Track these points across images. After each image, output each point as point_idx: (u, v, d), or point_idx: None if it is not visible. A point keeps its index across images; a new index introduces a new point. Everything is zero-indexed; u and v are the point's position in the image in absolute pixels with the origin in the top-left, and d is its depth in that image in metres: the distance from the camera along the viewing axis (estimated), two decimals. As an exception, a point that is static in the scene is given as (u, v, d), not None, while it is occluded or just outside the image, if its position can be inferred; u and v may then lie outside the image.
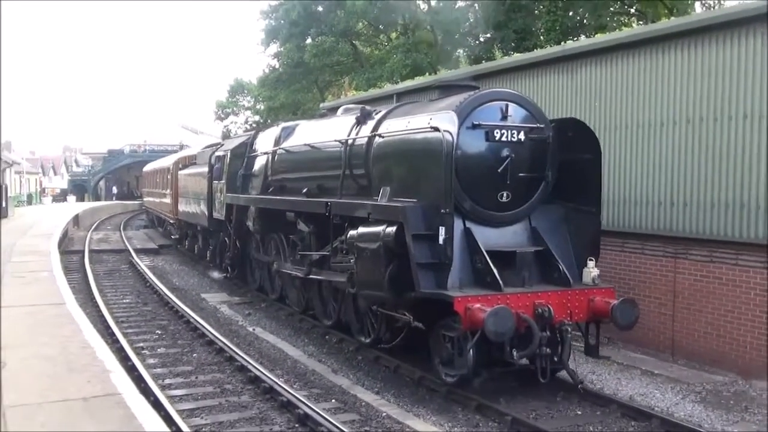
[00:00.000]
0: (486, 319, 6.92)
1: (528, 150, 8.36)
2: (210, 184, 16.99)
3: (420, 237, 7.64)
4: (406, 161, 8.61)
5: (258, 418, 7.69)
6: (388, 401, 8.34)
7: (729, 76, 9.34)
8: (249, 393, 8.61)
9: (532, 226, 8.57)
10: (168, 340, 11.39)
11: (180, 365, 9.88)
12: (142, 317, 13.23)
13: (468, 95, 8.39)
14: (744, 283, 9.19)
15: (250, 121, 54.04)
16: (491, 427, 7.50)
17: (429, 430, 7.36)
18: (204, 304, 14.80)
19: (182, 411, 7.69)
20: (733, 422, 7.68)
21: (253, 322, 12.98)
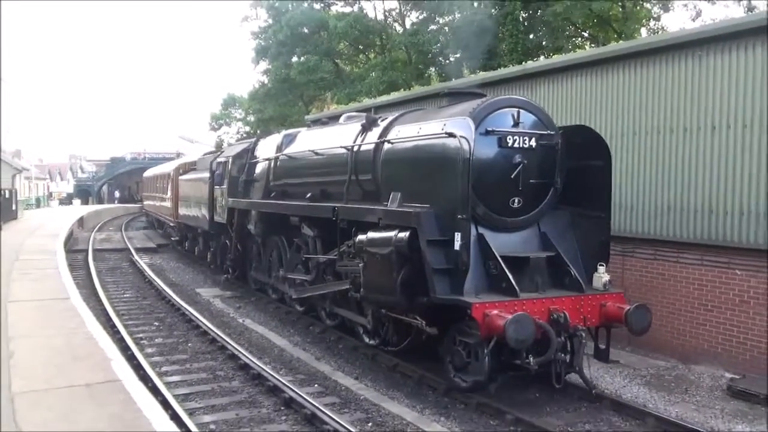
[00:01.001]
0: (507, 327, 6.38)
1: (538, 156, 7.81)
2: (211, 189, 16.38)
3: (434, 243, 7.11)
4: (419, 167, 7.94)
5: (247, 402, 7.67)
6: (366, 386, 8.35)
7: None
8: (239, 379, 8.57)
9: (542, 231, 8.03)
10: (165, 331, 11.30)
11: (176, 354, 9.82)
12: (141, 310, 13.11)
13: (481, 101, 7.82)
14: (684, 278, 9.35)
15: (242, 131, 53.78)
16: (458, 408, 7.54)
17: (402, 411, 7.38)
18: (198, 298, 14.70)
19: (178, 395, 7.65)
20: (674, 402, 7.79)
21: (243, 314, 12.92)
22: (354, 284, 9.12)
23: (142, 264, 19.45)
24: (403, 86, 27.43)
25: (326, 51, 36.59)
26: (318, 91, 39.99)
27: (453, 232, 6.99)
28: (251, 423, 6.99)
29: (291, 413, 7.27)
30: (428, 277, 7.06)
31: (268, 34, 38.74)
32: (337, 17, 35.34)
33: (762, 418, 7.39)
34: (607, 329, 7.75)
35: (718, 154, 8.93)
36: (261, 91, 43.42)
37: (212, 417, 7.14)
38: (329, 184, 10.35)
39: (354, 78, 36.23)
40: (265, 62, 40.74)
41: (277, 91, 40.55)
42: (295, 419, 7.10)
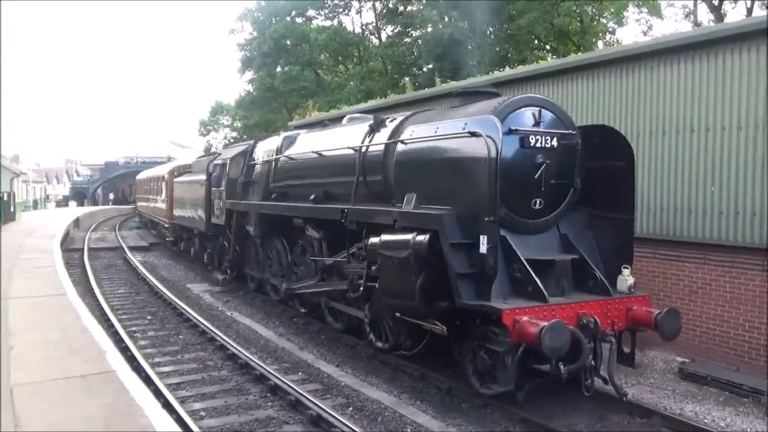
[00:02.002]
0: (543, 335, 5.72)
1: (559, 156, 7.07)
2: (208, 190, 15.64)
3: (457, 246, 6.40)
4: (437, 167, 7.20)
5: (235, 389, 7.61)
6: (346, 373, 8.33)
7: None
8: (228, 368, 8.50)
9: (562, 233, 7.30)
10: (157, 325, 11.16)
11: (168, 346, 9.70)
12: (134, 305, 12.93)
13: (502, 100, 7.11)
14: (637, 271, 9.42)
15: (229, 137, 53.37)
16: (433, 392, 7.55)
17: (381, 396, 7.38)
18: (189, 293, 14.54)
19: (170, 385, 7.57)
20: (631, 384, 7.86)
21: (232, 307, 12.80)
22: (352, 286, 8.63)
23: (135, 262, 19.20)
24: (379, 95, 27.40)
25: (308, 62, 36.49)
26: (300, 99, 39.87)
27: (477, 234, 6.31)
28: (239, 409, 6.93)
29: (276, 399, 7.22)
30: (452, 282, 6.36)
31: (253, 45, 38.58)
32: (318, 30, 35.26)
33: (710, 398, 7.51)
34: (632, 333, 7.09)
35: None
36: (247, 99, 43.19)
37: (202, 404, 7.07)
38: (334, 186, 9.62)
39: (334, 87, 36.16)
40: (250, 72, 40.53)
41: (261, 99, 40.37)
42: (280, 405, 7.05)
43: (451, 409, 7.01)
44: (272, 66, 37.74)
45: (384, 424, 6.58)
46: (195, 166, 19.29)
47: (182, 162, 23.69)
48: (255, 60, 38.27)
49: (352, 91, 31.12)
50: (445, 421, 6.64)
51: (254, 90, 41.58)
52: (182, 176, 20.28)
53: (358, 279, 8.42)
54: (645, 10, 30.26)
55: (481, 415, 6.78)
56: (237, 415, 6.75)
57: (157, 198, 24.58)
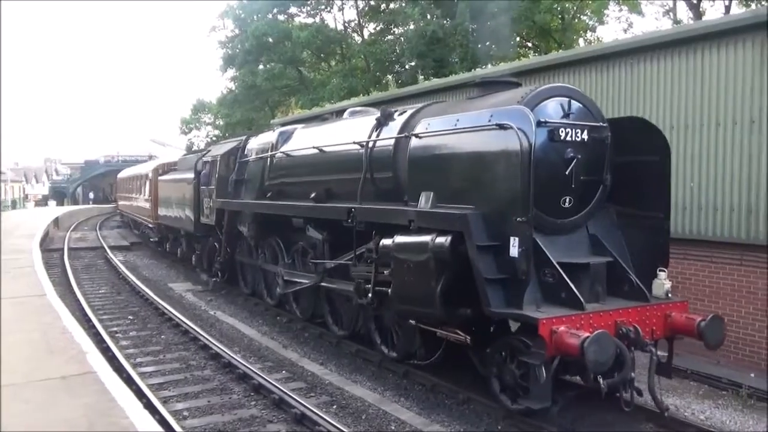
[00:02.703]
0: (587, 348, 5.20)
1: (590, 151, 6.49)
2: (197, 189, 14.83)
3: (485, 249, 5.87)
4: (459, 163, 6.56)
5: (219, 389, 7.57)
6: (330, 371, 8.32)
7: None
8: (211, 367, 8.46)
9: (590, 233, 6.70)
10: (139, 325, 11.07)
11: (150, 346, 9.62)
12: (115, 305, 12.81)
13: (530, 90, 6.54)
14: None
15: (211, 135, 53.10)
16: (417, 389, 7.57)
17: (365, 394, 7.38)
18: (171, 292, 14.44)
19: (152, 385, 7.51)
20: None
21: (214, 306, 12.74)
22: (359, 291, 8.02)
23: (116, 261, 19.02)
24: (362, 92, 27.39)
25: (290, 59, 36.35)
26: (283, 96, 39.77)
27: (505, 236, 5.78)
28: (222, 409, 6.90)
29: (260, 399, 7.19)
30: (479, 289, 5.83)
31: (234, 43, 38.34)
32: (300, 28, 35.14)
33: (690, 392, 7.61)
34: (669, 341, 6.58)
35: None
36: (229, 97, 42.95)
37: (185, 404, 7.02)
38: (337, 183, 9.03)
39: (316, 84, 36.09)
40: (232, 70, 40.30)
41: (243, 97, 40.16)
42: (264, 404, 7.03)
43: (434, 405, 7.04)
44: (254, 64, 37.54)
45: (368, 422, 6.59)
46: (181, 164, 18.76)
47: (167, 159, 23.11)
48: (237, 57, 38.04)
49: (335, 89, 31.05)
50: (429, 417, 6.66)
51: (236, 88, 41.34)
52: (167, 174, 19.68)
53: (366, 283, 7.89)
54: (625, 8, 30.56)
55: (464, 412, 6.80)
56: (220, 415, 6.71)
57: (141, 197, 24.00)
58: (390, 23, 33.28)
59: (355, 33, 37.88)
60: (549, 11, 26.95)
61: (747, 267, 8.26)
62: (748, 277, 8.24)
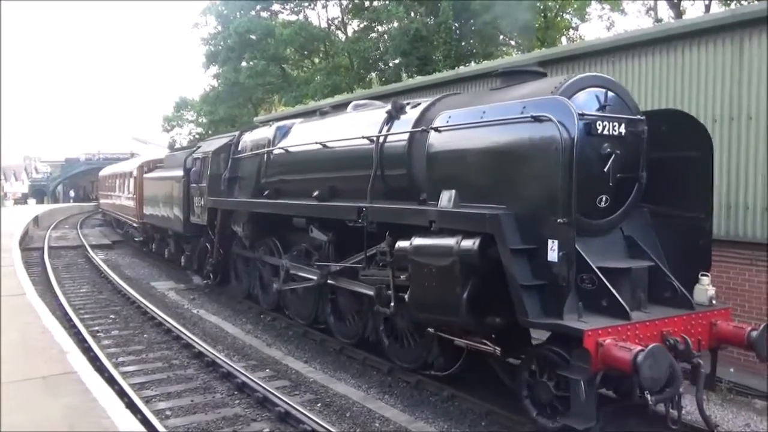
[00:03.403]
0: (641, 363, 4.74)
1: (627, 146, 6.00)
2: (186, 187, 14.19)
3: (519, 252, 5.41)
4: (486, 159, 6.02)
5: (202, 388, 7.52)
6: (314, 369, 8.30)
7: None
8: (194, 367, 8.40)
9: (625, 235, 6.25)
10: (121, 324, 10.96)
11: (132, 345, 9.54)
12: (97, 304, 12.68)
13: (564, 79, 6.07)
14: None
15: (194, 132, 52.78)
16: (401, 386, 7.57)
17: (349, 392, 7.37)
18: (153, 291, 14.32)
19: (134, 384, 7.44)
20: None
21: (198, 305, 12.65)
22: (379, 297, 7.41)
23: (97, 260, 18.82)
24: (346, 90, 27.35)
25: (273, 56, 36.22)
26: (266, 94, 39.61)
27: (541, 238, 5.35)
28: (206, 408, 6.85)
29: (244, 397, 7.16)
30: (514, 297, 5.36)
31: (217, 40, 38.13)
32: (283, 25, 35.05)
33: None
34: (713, 352, 6.10)
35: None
36: (212, 94, 42.72)
37: (168, 404, 6.97)
38: (343, 181, 8.53)
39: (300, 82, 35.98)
40: (215, 67, 40.08)
41: (226, 94, 39.96)
42: (248, 403, 7.00)
43: (419, 402, 7.05)
44: (237, 61, 37.37)
45: (352, 420, 6.59)
46: (168, 161, 18.16)
47: (152, 156, 22.55)
48: (220, 54, 37.84)
49: (319, 86, 31.00)
50: (413, 414, 6.67)
51: (219, 85, 41.13)
52: (153, 172, 19.07)
53: (387, 290, 7.24)
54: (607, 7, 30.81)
55: (448, 409, 6.82)
56: (203, 414, 6.67)
57: (124, 195, 23.37)
58: (374, 21, 33.26)
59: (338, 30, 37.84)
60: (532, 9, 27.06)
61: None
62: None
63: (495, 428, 6.28)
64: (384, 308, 7.35)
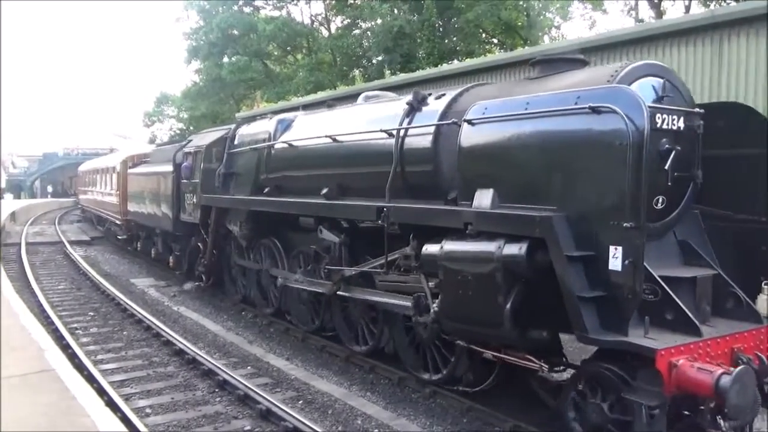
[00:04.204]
0: (728, 389, 4.20)
1: (684, 142, 5.39)
2: (176, 183, 13.36)
3: (575, 260, 4.87)
4: (533, 154, 5.42)
5: (182, 385, 7.48)
6: (296, 366, 8.30)
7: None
8: (174, 364, 8.35)
9: (679, 239, 5.66)
10: (100, 321, 10.86)
11: (111, 342, 9.45)
12: (75, 301, 12.54)
13: (619, 66, 5.48)
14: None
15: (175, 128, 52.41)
16: (383, 383, 7.59)
17: (331, 389, 7.38)
18: (133, 288, 14.20)
19: (113, 382, 7.38)
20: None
21: (178, 302, 12.57)
22: (418, 306, 6.72)
23: (76, 256, 18.60)
24: (328, 86, 27.30)
25: (256, 52, 36.06)
26: (248, 90, 39.42)
27: (599, 244, 4.83)
28: (186, 405, 6.82)
29: (225, 395, 7.14)
30: (570, 310, 4.80)
31: (199, 35, 37.86)
32: (266, 20, 34.86)
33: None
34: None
35: None
36: (193, 90, 42.45)
37: (148, 401, 6.92)
38: (356, 178, 7.90)
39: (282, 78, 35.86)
40: (196, 62, 39.81)
41: (208, 89, 39.77)
42: (229, 400, 6.98)
43: (401, 399, 7.08)
44: (219, 56, 37.16)
45: (334, 417, 6.59)
46: (155, 156, 17.08)
47: (137, 151, 21.50)
48: (201, 50, 37.58)
49: (301, 83, 30.92)
50: (395, 411, 6.69)
51: (201, 80, 40.86)
52: (139, 167, 18.16)
53: (426, 298, 6.61)
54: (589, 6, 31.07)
55: (430, 406, 6.86)
56: (184, 412, 6.64)
57: (106, 191, 22.51)
58: (357, 18, 33.22)
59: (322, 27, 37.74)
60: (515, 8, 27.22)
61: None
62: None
63: (476, 424, 6.32)
64: (422, 318, 6.70)
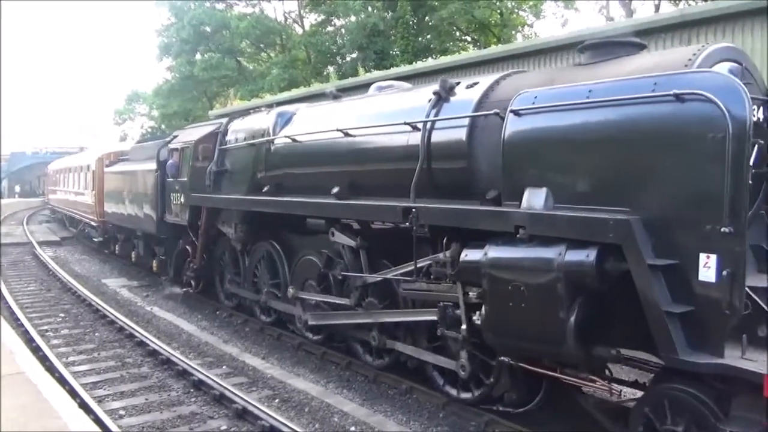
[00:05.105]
0: None
1: (763, 135, 4.76)
2: (161, 182, 12.44)
3: (658, 269, 4.27)
4: (600, 148, 4.76)
5: (157, 386, 7.42)
6: (272, 365, 8.27)
7: None
8: (148, 365, 8.27)
9: (750, 243, 4.72)
10: (71, 322, 10.70)
11: (83, 344, 9.33)
12: (45, 302, 12.34)
13: (696, 50, 4.90)
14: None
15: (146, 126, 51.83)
16: (360, 380, 7.61)
17: (308, 387, 7.38)
18: (105, 288, 14.00)
19: (86, 384, 7.29)
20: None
21: (151, 302, 12.44)
22: (444, 319, 6.14)
23: (45, 257, 18.28)
24: (302, 84, 27.20)
25: (228, 49, 35.80)
26: (221, 87, 39.13)
27: (685, 251, 4.25)
28: (161, 406, 6.76)
29: (200, 395, 7.09)
30: (655, 327, 4.23)
31: (171, 31, 37.43)
32: (239, 17, 34.63)
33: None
34: None
35: None
36: (165, 87, 41.92)
37: (121, 403, 6.85)
38: (372, 175, 7.24)
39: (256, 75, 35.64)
40: (168, 59, 39.37)
41: (180, 87, 39.32)
42: (204, 400, 6.94)
43: (377, 396, 7.10)
44: (191, 53, 36.79)
45: (311, 415, 6.59)
46: (135, 153, 16.01)
47: (114, 148, 20.31)
48: (173, 46, 37.16)
49: (275, 80, 30.75)
50: (372, 408, 6.72)
51: (173, 78, 40.41)
52: (117, 165, 17.16)
53: (455, 309, 6.06)
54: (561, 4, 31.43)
55: (407, 401, 6.89)
56: (159, 413, 6.58)
57: (80, 190, 21.47)
58: (331, 15, 33.14)
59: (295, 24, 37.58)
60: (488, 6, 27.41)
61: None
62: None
63: (452, 419, 6.38)
64: (450, 331, 6.14)
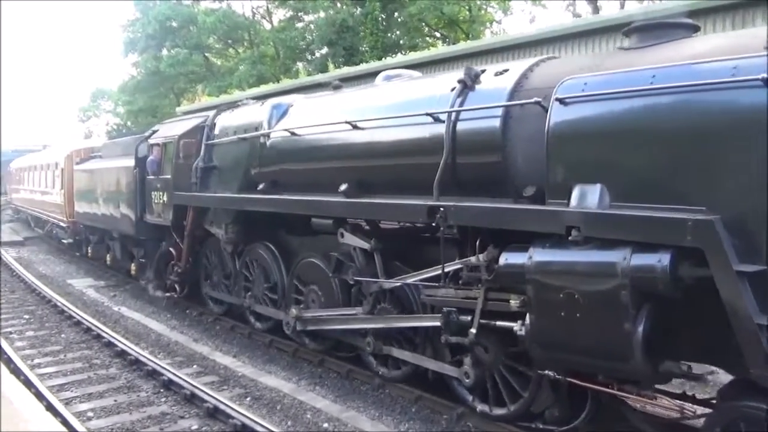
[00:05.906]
0: None
1: None
2: (140, 180, 11.64)
3: (746, 276, 3.80)
4: (671, 140, 4.20)
5: (126, 387, 7.32)
6: (243, 363, 8.22)
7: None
8: (116, 366, 8.15)
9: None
10: (36, 324, 10.48)
11: (48, 346, 9.15)
12: (9, 304, 12.04)
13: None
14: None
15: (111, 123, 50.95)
16: (332, 376, 7.61)
17: (280, 384, 7.35)
18: (71, 288, 13.74)
19: (52, 386, 7.16)
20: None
21: (119, 302, 12.24)
22: (448, 325, 5.73)
23: (8, 258, 17.83)
24: (271, 80, 27.03)
25: (195, 45, 35.38)
26: (189, 83, 38.67)
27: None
28: (130, 407, 6.67)
29: (171, 395, 7.01)
30: (744, 340, 3.78)
31: (136, 27, 36.83)
32: (206, 13, 34.24)
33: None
34: None
35: None
36: (131, 84, 41.27)
37: (89, 405, 6.74)
38: (385, 171, 6.63)
39: (224, 71, 35.30)
40: (134, 55, 38.74)
41: (147, 83, 38.75)
42: (174, 400, 6.86)
43: (350, 392, 7.11)
44: (157, 49, 36.26)
45: (283, 412, 6.57)
46: (108, 150, 14.98)
47: (84, 145, 19.38)
48: (139, 42, 36.57)
49: (243, 76, 30.53)
50: (344, 404, 6.72)
51: (138, 74, 39.81)
52: (88, 162, 15.97)
53: (459, 314, 5.71)
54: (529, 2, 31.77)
55: (380, 397, 6.92)
56: (128, 414, 6.49)
57: (47, 189, 20.41)
58: (299, 10, 32.97)
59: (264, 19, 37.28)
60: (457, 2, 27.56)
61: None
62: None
63: (425, 413, 6.42)
64: (453, 338, 5.77)
